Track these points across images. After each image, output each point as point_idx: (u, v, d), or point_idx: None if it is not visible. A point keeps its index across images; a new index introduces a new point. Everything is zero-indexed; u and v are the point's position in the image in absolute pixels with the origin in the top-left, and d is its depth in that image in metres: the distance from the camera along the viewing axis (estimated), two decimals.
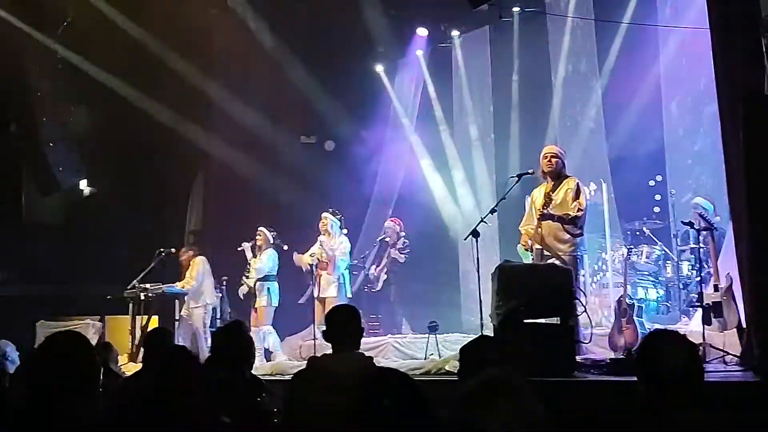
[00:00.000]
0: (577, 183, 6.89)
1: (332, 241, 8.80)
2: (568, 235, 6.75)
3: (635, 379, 2.67)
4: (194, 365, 3.28)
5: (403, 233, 10.06)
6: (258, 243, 9.09)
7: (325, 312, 4.88)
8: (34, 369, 2.80)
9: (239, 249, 9.13)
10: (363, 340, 3.89)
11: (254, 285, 8.94)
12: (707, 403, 2.52)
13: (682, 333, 2.82)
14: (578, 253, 6.79)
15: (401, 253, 9.89)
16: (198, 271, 9.31)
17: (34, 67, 10.65)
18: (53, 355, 2.77)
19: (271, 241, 9.10)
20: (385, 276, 9.97)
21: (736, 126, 5.14)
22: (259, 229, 9.15)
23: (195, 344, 9.24)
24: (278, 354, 8.79)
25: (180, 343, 8.87)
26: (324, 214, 8.92)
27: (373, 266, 10.25)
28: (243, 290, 9.18)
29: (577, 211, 6.72)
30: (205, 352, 8.65)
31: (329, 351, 3.86)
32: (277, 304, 8.96)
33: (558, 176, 6.97)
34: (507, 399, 1.86)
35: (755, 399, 4.25)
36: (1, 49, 10.34)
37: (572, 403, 4.60)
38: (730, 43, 5.31)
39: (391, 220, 10.30)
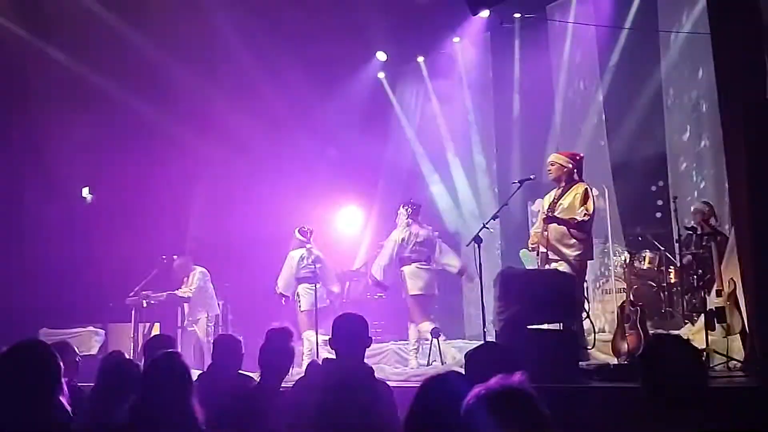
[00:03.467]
0: (586, 188, 6.85)
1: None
2: (574, 240, 6.72)
3: (639, 385, 2.66)
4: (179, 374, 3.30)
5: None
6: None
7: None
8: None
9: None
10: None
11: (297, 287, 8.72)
12: (711, 408, 2.51)
13: (685, 338, 2.81)
14: (583, 259, 6.76)
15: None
16: (196, 283, 9.32)
17: (36, 74, 10.66)
18: (11, 365, 2.93)
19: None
20: None
21: (738, 131, 5.13)
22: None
23: (198, 353, 9.23)
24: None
25: (182, 352, 8.91)
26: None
27: None
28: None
29: (584, 216, 6.69)
30: (207, 361, 8.64)
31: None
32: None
33: (568, 182, 6.96)
34: (516, 406, 1.86)
35: (759, 404, 4.23)
36: (2, 55, 10.37)
37: (575, 409, 4.58)
38: (731, 47, 5.30)
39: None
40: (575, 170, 7.00)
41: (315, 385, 3.59)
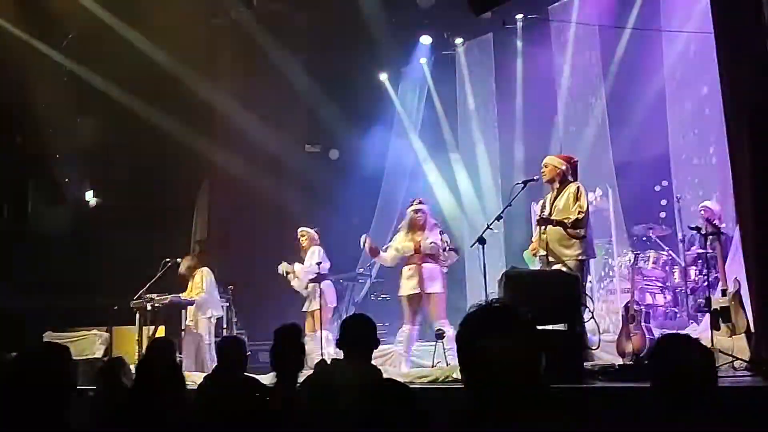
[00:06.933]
0: (578, 186, 6.88)
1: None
2: (573, 240, 6.72)
3: (644, 385, 2.65)
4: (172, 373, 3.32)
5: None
6: (303, 245, 8.94)
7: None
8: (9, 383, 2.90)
9: (281, 272, 8.84)
10: None
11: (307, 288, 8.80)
12: (719, 407, 2.51)
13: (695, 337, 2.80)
14: (583, 258, 6.75)
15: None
16: (207, 282, 9.32)
17: (40, 78, 10.68)
18: (26, 370, 2.87)
19: (317, 239, 8.92)
20: None
21: (742, 131, 5.13)
22: (301, 229, 9.00)
23: (200, 355, 9.22)
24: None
25: (184, 354, 8.91)
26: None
27: None
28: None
29: (578, 214, 6.70)
30: (208, 364, 8.64)
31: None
32: (335, 304, 8.89)
33: (561, 182, 6.97)
34: (509, 326, 1.88)
35: (765, 404, 4.22)
36: (6, 62, 10.39)
37: (580, 410, 4.57)
38: (734, 48, 5.30)
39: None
40: (569, 172, 7.01)
41: (320, 384, 3.60)
